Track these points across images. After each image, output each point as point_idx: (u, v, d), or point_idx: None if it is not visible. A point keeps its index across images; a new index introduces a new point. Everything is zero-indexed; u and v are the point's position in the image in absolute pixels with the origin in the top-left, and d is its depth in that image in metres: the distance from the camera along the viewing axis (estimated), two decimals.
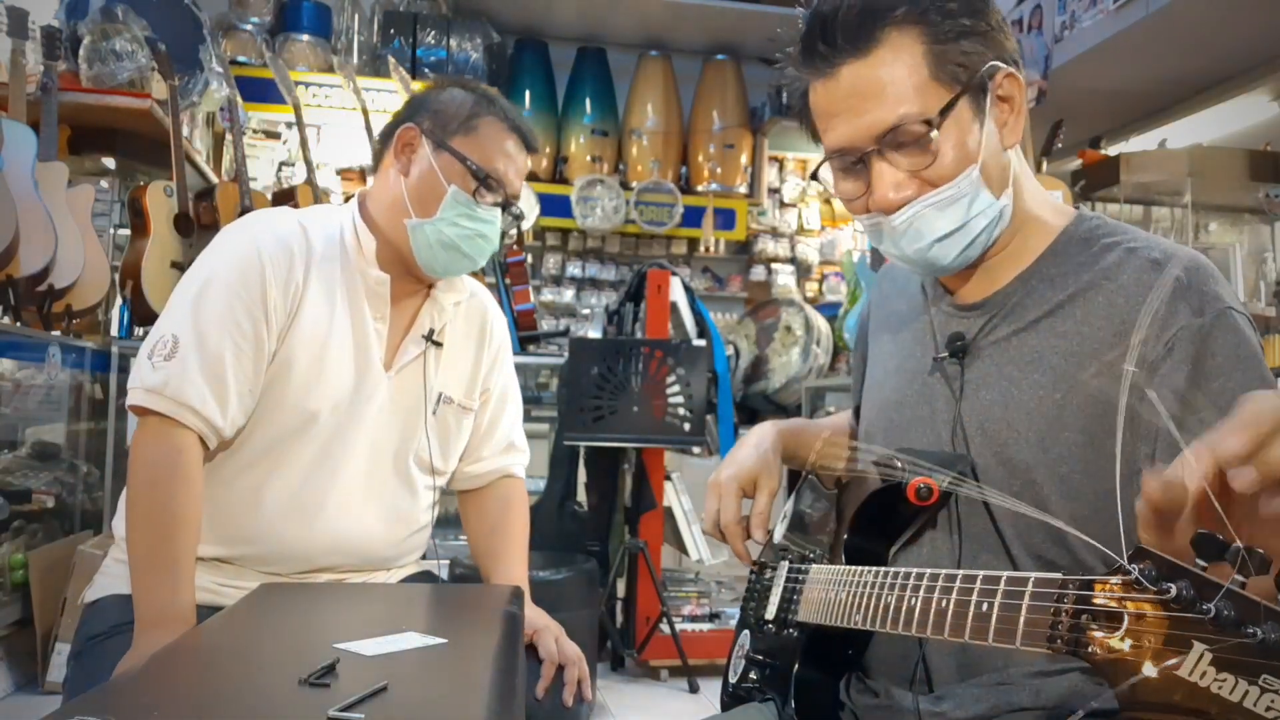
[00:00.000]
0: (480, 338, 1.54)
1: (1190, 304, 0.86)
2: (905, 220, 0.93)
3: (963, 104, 0.90)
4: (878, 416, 1.10)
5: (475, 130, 1.38)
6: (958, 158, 0.90)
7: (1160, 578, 0.52)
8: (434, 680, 0.88)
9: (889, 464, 0.96)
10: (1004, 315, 0.97)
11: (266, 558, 1.33)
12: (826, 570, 0.97)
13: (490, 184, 1.38)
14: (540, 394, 3.91)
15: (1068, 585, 0.59)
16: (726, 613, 3.16)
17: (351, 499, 1.36)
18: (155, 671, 0.88)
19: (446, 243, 1.37)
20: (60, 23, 3.29)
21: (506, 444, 1.58)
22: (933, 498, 0.92)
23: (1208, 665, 0.49)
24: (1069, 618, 0.58)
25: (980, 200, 0.92)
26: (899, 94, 0.89)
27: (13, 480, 2.73)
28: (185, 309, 1.27)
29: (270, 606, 1.12)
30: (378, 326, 1.39)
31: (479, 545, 1.55)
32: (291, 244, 1.33)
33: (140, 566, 1.21)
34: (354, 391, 1.36)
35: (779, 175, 6.04)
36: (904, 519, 0.99)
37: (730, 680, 1.12)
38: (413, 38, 5.05)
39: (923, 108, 0.89)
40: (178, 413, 1.23)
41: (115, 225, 3.44)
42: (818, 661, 1.01)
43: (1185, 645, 0.49)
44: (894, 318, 1.14)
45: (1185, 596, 0.50)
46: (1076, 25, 4.02)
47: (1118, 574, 0.54)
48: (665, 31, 5.59)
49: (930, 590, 0.74)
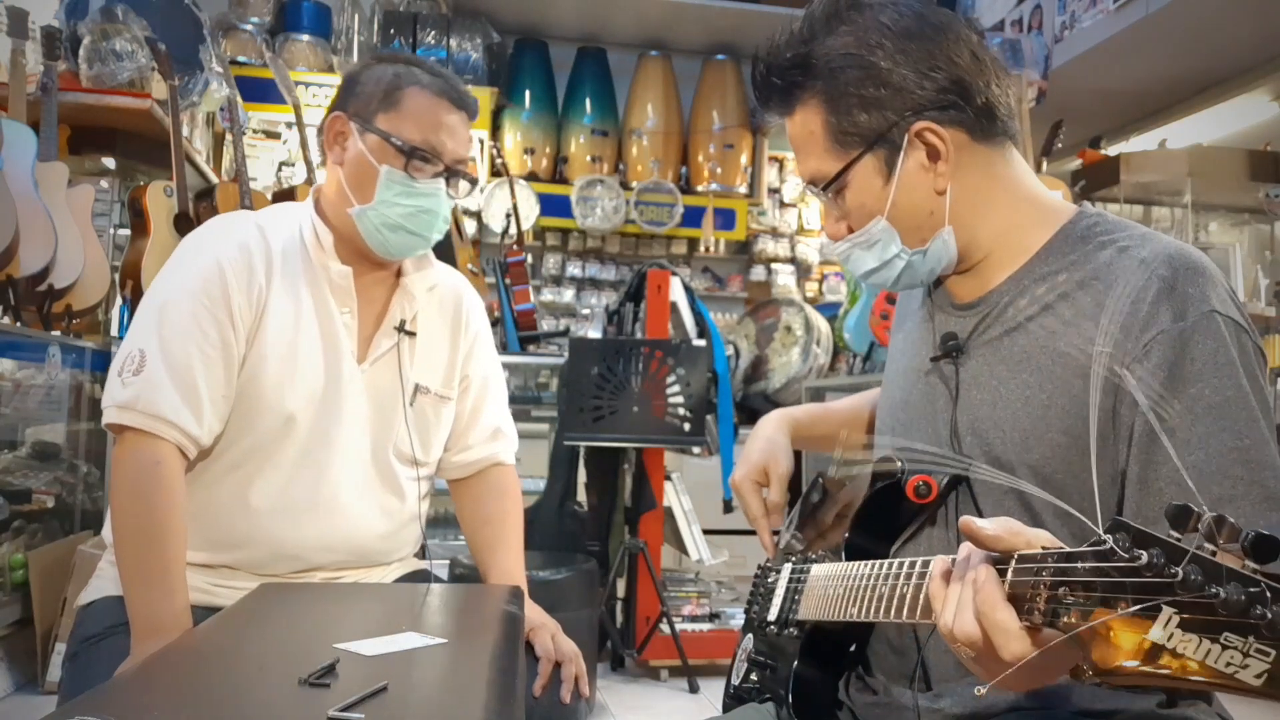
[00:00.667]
0: (455, 324, 1.51)
1: (1173, 307, 0.86)
2: (842, 253, 1.05)
3: (863, 165, 0.98)
4: (887, 415, 1.12)
5: (398, 104, 1.35)
6: (863, 213, 1.00)
7: (1133, 546, 0.53)
8: (434, 680, 0.88)
9: (888, 461, 0.97)
10: (996, 315, 0.98)
11: (258, 561, 1.33)
12: (827, 568, 0.98)
13: (421, 156, 1.34)
14: (540, 394, 3.91)
15: (1046, 559, 0.60)
16: (726, 613, 3.16)
17: (338, 496, 1.36)
18: (155, 671, 0.88)
19: (391, 224, 1.35)
20: (60, 23, 3.29)
21: (493, 430, 1.56)
22: (931, 495, 0.92)
23: (1175, 628, 0.50)
24: (1046, 589, 0.59)
25: (892, 246, 1.00)
26: (809, 154, 1.01)
27: (13, 480, 2.73)
28: (150, 323, 1.27)
29: (270, 606, 1.12)
30: (346, 320, 1.38)
31: (474, 538, 1.54)
32: (250, 246, 1.33)
33: (131, 578, 1.21)
34: (327, 388, 1.35)
35: (779, 175, 6.04)
36: (904, 517, 0.99)
37: (733, 682, 1.13)
38: (413, 38, 5.05)
39: (826, 170, 1.00)
40: (153, 426, 1.23)
41: (115, 225, 3.43)
42: (817, 660, 1.01)
43: (1156, 610, 0.51)
44: (906, 315, 1.16)
45: (1156, 563, 0.51)
46: (1076, 25, 4.02)
47: (1094, 545, 0.56)
48: (665, 31, 5.58)
49: (922, 577, 0.76)
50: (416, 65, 1.39)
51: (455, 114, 1.37)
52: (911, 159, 0.96)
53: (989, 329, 0.98)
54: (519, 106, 5.39)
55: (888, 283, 1.04)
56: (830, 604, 0.93)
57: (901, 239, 0.99)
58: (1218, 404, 0.84)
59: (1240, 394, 0.84)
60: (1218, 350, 0.85)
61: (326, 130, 1.38)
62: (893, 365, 1.15)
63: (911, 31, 0.95)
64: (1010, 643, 0.63)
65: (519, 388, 3.91)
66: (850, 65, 0.96)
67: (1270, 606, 0.47)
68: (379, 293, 1.43)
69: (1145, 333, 0.86)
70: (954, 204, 0.98)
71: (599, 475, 3.20)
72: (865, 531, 1.00)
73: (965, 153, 0.97)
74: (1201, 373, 0.84)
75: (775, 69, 1.00)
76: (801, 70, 0.98)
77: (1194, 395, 0.84)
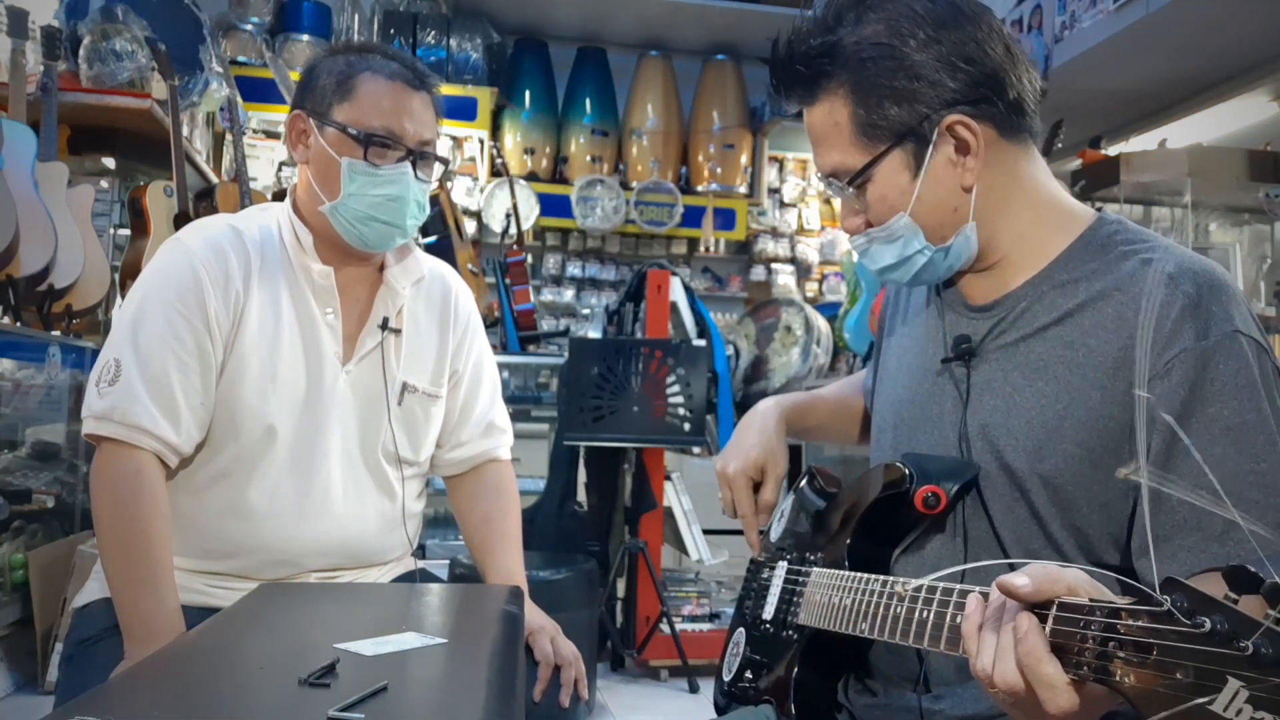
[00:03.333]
0: (444, 318, 1.48)
1: (1196, 325, 0.84)
2: (860, 246, 1.01)
3: (890, 159, 0.94)
4: (888, 411, 1.10)
5: (353, 93, 1.32)
6: (885, 208, 0.96)
7: (1193, 610, 0.51)
8: (434, 680, 0.88)
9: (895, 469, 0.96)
10: (1013, 320, 0.96)
11: (252, 567, 1.32)
12: (829, 574, 0.97)
13: (379, 141, 1.31)
14: (540, 394, 3.91)
15: (1094, 611, 0.58)
16: (726, 613, 3.15)
17: (328, 499, 1.34)
18: (155, 671, 0.88)
19: (361, 217, 1.32)
20: (60, 23, 3.29)
21: (486, 425, 1.53)
22: (940, 506, 0.91)
23: (1244, 703, 0.48)
24: (1095, 644, 0.57)
25: (915, 243, 0.96)
26: (831, 147, 0.97)
27: (13, 480, 2.73)
28: (125, 333, 1.26)
29: (270, 607, 1.12)
30: (330, 320, 1.36)
31: (472, 537, 1.53)
32: (227, 250, 1.31)
33: (120, 585, 1.21)
34: (310, 393, 1.34)
35: (779, 175, 6.03)
36: (909, 525, 0.98)
37: (725, 678, 1.12)
38: (413, 38, 5.05)
39: (850, 164, 0.96)
40: (130, 435, 1.22)
41: (115, 225, 3.43)
42: (817, 665, 1.01)
43: (1220, 680, 0.49)
44: (910, 310, 1.14)
45: (1220, 631, 0.49)
46: (1076, 25, 4.02)
47: (1147, 603, 0.54)
48: (665, 31, 5.58)
49: (944, 605, 0.74)
50: (371, 51, 1.36)
51: (414, 96, 1.33)
52: (940, 153, 0.93)
53: (1004, 333, 0.96)
54: (519, 106, 5.39)
55: (905, 279, 1.00)
56: (836, 615, 0.92)
57: (925, 235, 0.96)
58: (1236, 425, 0.82)
59: (1260, 417, 0.83)
60: (1239, 371, 0.83)
61: (288, 130, 1.37)
62: (894, 359, 1.13)
63: (945, 20, 0.92)
64: (1057, 697, 0.61)
65: (519, 388, 3.91)
66: (881, 55, 0.91)
67: None
68: (363, 290, 1.41)
69: (1168, 350, 0.84)
70: (978, 201, 0.95)
71: (599, 475, 3.20)
72: (868, 538, 0.98)
73: (993, 149, 0.94)
74: (1221, 393, 0.83)
75: (800, 56, 0.96)
76: (829, 59, 0.94)
77: (1213, 415, 0.83)
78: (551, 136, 5.47)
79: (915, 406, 1.04)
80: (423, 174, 1.36)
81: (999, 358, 0.96)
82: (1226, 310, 0.86)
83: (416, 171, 1.34)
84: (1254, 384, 0.83)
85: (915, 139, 0.93)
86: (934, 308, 1.07)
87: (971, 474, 0.93)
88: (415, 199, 1.35)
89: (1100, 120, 4.69)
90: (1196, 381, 0.83)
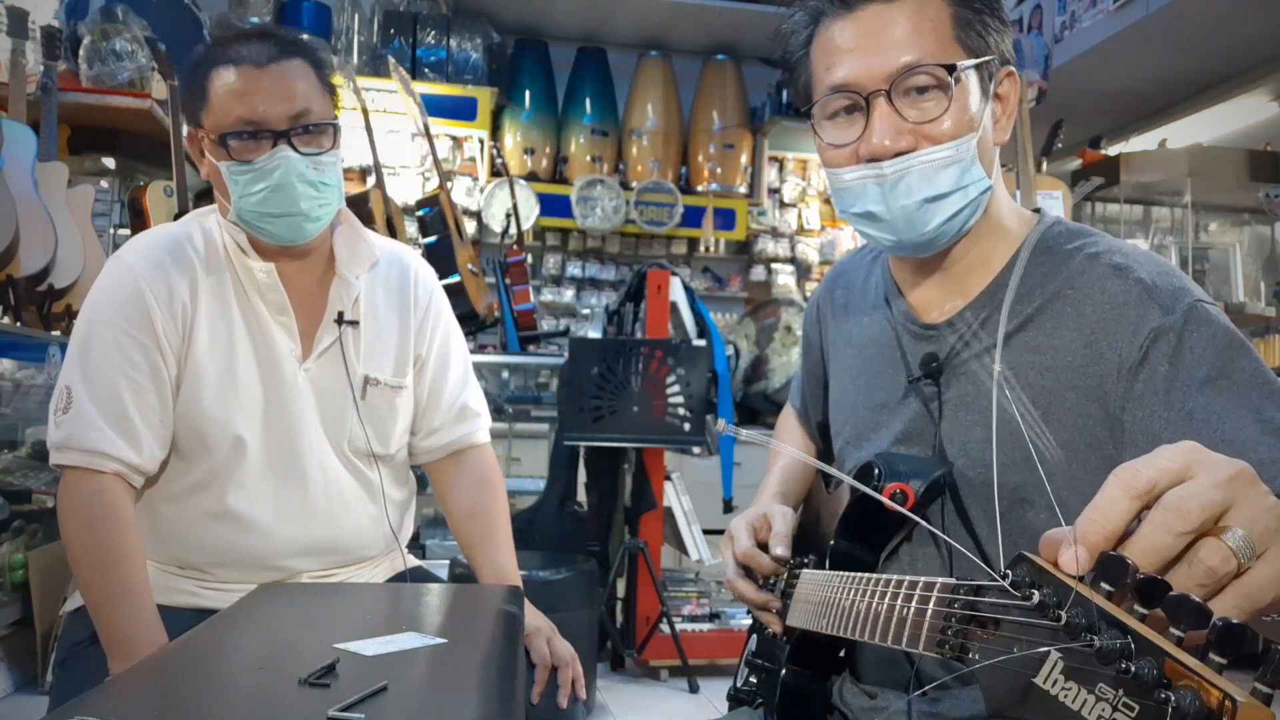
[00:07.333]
0: (403, 302, 1.43)
1: (1160, 303, 0.85)
2: (898, 170, 0.90)
3: (978, 74, 0.91)
4: (855, 437, 1.08)
5: (208, 91, 1.25)
6: (962, 121, 0.90)
7: (1030, 584, 0.51)
8: (434, 680, 0.88)
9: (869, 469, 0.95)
10: (974, 332, 0.96)
11: (242, 573, 1.32)
12: (810, 575, 0.97)
13: (234, 136, 1.24)
14: (540, 394, 3.91)
15: (959, 590, 0.59)
16: (726, 613, 3.16)
17: (309, 499, 1.33)
18: (155, 672, 0.88)
19: (261, 214, 1.28)
20: (60, 23, 3.29)
21: (459, 409, 1.48)
22: (908, 504, 0.91)
23: (1059, 673, 0.47)
24: (957, 623, 0.57)
25: (973, 171, 0.91)
26: (921, 39, 0.89)
27: (13, 480, 2.73)
28: (74, 359, 1.26)
29: (269, 607, 1.12)
30: (282, 319, 1.33)
31: (461, 531, 1.49)
32: (167, 263, 1.29)
33: (97, 604, 1.20)
34: (272, 392, 1.32)
35: (779, 175, 6.03)
36: (888, 526, 0.98)
37: (736, 683, 1.13)
38: (413, 38, 5.05)
39: (944, 56, 0.89)
40: (91, 461, 1.22)
41: (115, 225, 3.43)
42: (804, 664, 1.01)
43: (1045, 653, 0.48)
44: (856, 329, 1.11)
45: (1047, 603, 0.49)
46: (1076, 25, 4.02)
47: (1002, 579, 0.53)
48: (665, 31, 5.58)
49: (873, 595, 0.74)
50: (221, 42, 1.28)
51: (264, 74, 1.24)
52: (995, 99, 0.95)
53: (969, 346, 0.96)
54: (519, 106, 5.39)
55: (927, 225, 0.92)
56: (806, 613, 0.92)
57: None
58: (1243, 379, 0.82)
59: (1251, 362, 0.83)
60: (1215, 333, 0.84)
61: (190, 150, 1.34)
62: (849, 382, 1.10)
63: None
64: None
65: (519, 388, 3.91)
66: None
67: (1135, 659, 0.43)
68: (314, 283, 1.37)
69: (1139, 333, 0.85)
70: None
71: (599, 475, 3.20)
72: (850, 540, 0.98)
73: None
74: (1204, 356, 0.83)
75: None
76: None
77: (1204, 376, 0.82)
78: (551, 136, 5.47)
79: (883, 429, 1.03)
80: (307, 148, 1.26)
81: (969, 372, 0.96)
82: (1182, 284, 0.87)
83: (298, 148, 1.26)
84: (1233, 336, 0.84)
85: (988, 71, 0.93)
86: (887, 326, 1.05)
87: (941, 471, 0.93)
88: (304, 179, 1.26)
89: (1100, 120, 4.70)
90: (1176, 352, 0.83)
